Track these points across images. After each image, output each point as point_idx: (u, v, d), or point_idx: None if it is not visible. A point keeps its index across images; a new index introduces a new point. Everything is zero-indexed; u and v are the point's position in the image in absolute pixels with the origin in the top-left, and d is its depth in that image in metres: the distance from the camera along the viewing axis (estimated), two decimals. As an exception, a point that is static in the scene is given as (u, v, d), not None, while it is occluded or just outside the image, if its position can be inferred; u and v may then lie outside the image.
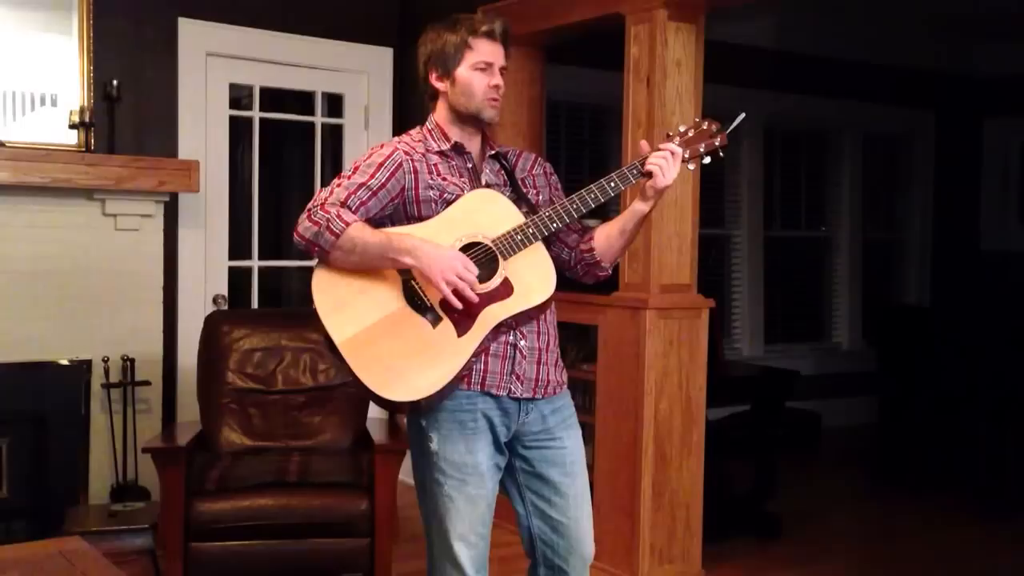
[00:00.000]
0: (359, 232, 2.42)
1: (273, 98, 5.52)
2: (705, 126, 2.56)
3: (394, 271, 2.47)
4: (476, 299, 2.41)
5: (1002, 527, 5.23)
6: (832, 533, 5.16)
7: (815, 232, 7.94)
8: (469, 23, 2.58)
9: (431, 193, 2.53)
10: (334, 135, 5.75)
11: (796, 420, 6.71)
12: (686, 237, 4.18)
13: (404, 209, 2.55)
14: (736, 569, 4.48)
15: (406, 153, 2.56)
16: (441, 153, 2.59)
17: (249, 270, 5.44)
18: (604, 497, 4.20)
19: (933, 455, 6.36)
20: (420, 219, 2.53)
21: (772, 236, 7.58)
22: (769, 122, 7.33)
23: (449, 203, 2.52)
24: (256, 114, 5.42)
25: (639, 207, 2.56)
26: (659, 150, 2.51)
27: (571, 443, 2.66)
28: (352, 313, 2.46)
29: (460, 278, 2.38)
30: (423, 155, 2.57)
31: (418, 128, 2.67)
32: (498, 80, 2.58)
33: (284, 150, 6.03)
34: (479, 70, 2.56)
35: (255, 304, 5.45)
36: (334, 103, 5.71)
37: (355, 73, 5.69)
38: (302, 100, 5.64)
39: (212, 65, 5.21)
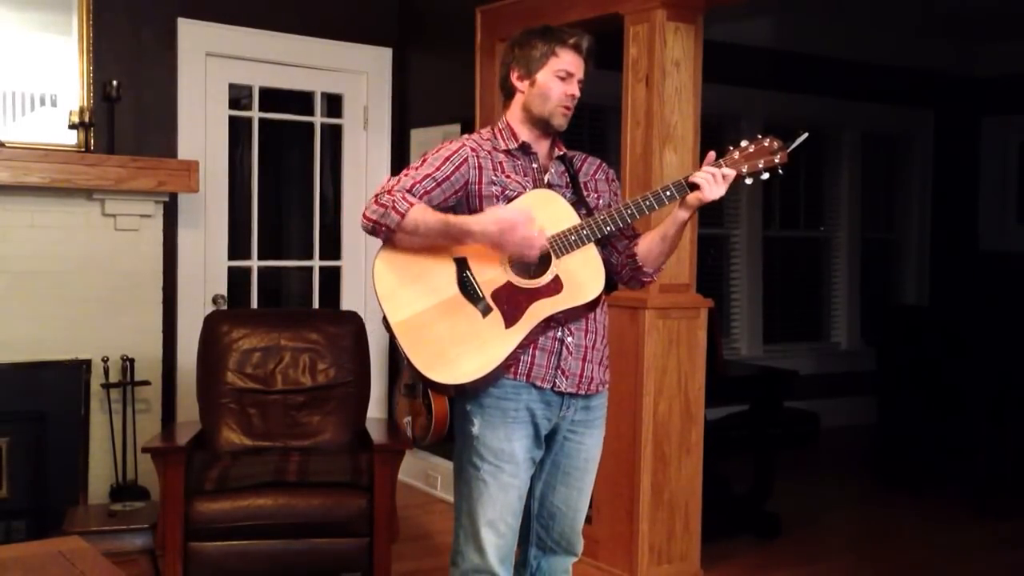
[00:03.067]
0: (421, 213, 2.53)
1: (272, 98, 5.51)
2: (767, 143, 2.66)
3: (451, 261, 2.58)
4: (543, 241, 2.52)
5: (1001, 527, 5.23)
6: (831, 533, 5.16)
7: (814, 232, 7.93)
8: (560, 33, 2.71)
9: (494, 189, 2.63)
10: (333, 135, 5.74)
11: (795, 420, 6.68)
12: (685, 236, 4.15)
13: (467, 202, 2.65)
14: (735, 569, 4.48)
15: (473, 150, 2.67)
16: (508, 152, 2.70)
17: (248, 270, 5.44)
18: (603, 497, 4.20)
19: (932, 455, 6.35)
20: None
21: (771, 236, 7.57)
22: (767, 121, 7.30)
23: (510, 200, 2.61)
24: (255, 114, 5.42)
25: (679, 214, 2.65)
26: (701, 175, 2.58)
27: (590, 442, 2.78)
28: (408, 297, 2.58)
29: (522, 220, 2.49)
30: (490, 152, 2.68)
31: (489, 127, 2.78)
32: (575, 90, 2.70)
33: (283, 150, 6.03)
34: (560, 78, 2.68)
35: (254, 304, 5.45)
36: (333, 103, 5.71)
37: (354, 73, 5.69)
38: (301, 100, 5.63)
39: (211, 65, 5.21)
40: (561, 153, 2.77)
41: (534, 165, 2.71)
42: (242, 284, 5.43)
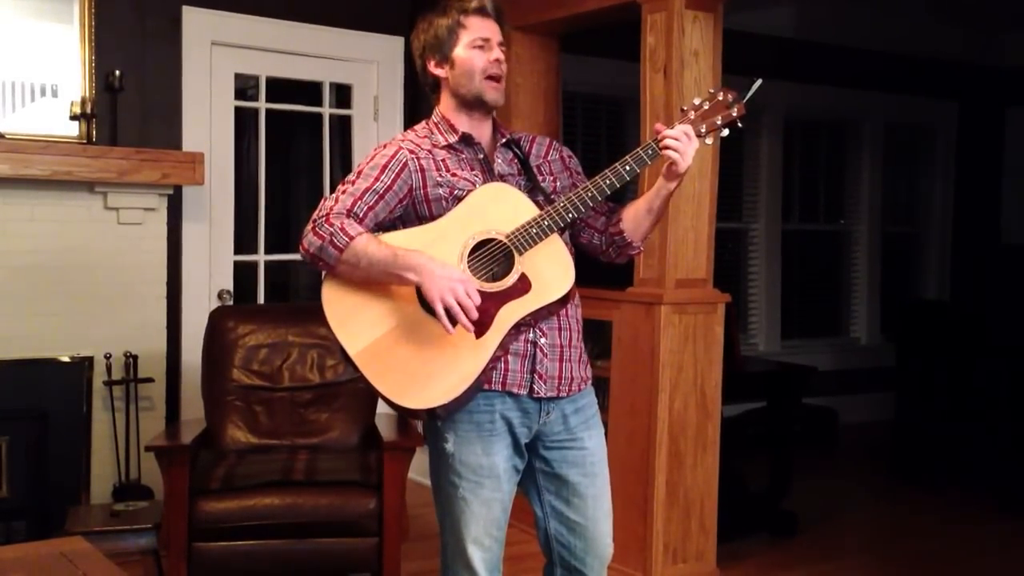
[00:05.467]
0: (364, 246, 2.33)
1: (280, 88, 5.45)
2: (721, 96, 2.46)
3: None
4: (470, 327, 2.30)
5: (1020, 524, 5.18)
6: (848, 531, 5.11)
7: (834, 225, 7.87)
8: (458, 4, 2.53)
9: (440, 191, 2.45)
10: (343, 126, 5.68)
11: (813, 416, 6.71)
12: (702, 231, 4.12)
13: (414, 209, 2.47)
14: (751, 568, 4.43)
15: (411, 151, 2.49)
16: (449, 147, 2.52)
17: (255, 265, 5.38)
18: (617, 495, 4.03)
19: (951, 452, 6.32)
20: (431, 218, 2.45)
21: (790, 230, 7.53)
22: (788, 113, 7.25)
23: (460, 199, 2.43)
24: (262, 105, 5.35)
25: (665, 185, 2.48)
26: (673, 136, 2.39)
27: (592, 443, 2.60)
28: (365, 322, 2.39)
29: (459, 302, 2.28)
30: (429, 151, 2.50)
31: (424, 123, 2.59)
32: (498, 55, 2.51)
33: (291, 142, 5.98)
34: (477, 48, 2.50)
35: (261, 300, 5.40)
36: (342, 94, 5.64)
37: (364, 63, 5.60)
38: (310, 90, 5.56)
39: (217, 54, 5.14)
40: (506, 138, 2.58)
41: (480, 156, 2.51)
42: (248, 279, 5.38)
